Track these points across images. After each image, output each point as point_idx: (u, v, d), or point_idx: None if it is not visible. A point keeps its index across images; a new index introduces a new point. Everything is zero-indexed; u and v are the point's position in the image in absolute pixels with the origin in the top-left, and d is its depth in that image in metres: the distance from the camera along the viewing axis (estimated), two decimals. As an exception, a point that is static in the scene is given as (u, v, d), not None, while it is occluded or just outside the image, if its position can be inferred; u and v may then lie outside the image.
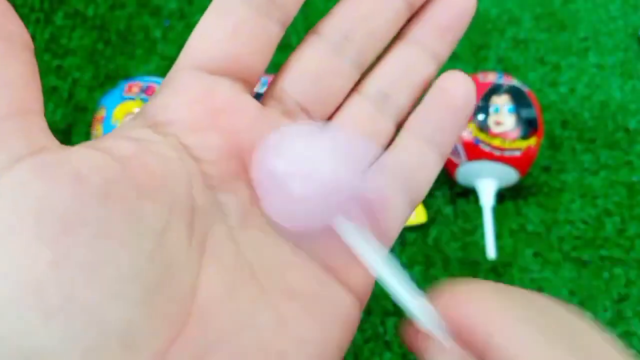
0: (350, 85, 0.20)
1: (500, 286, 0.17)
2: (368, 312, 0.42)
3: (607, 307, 0.43)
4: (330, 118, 0.20)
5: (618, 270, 0.45)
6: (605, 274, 0.45)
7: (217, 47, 0.18)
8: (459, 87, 0.20)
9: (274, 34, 0.19)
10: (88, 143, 0.16)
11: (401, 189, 0.20)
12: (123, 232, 0.14)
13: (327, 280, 0.18)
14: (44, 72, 0.50)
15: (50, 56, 0.51)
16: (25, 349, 0.13)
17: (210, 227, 0.16)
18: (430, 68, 0.21)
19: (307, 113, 0.19)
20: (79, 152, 0.15)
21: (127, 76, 0.50)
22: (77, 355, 0.13)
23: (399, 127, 0.21)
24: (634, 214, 0.47)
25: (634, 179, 0.48)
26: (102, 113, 0.42)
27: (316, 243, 0.18)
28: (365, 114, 0.20)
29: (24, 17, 0.52)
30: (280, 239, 0.18)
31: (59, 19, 0.53)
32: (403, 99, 0.20)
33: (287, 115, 0.19)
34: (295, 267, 0.17)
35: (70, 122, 0.48)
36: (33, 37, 0.52)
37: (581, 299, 0.44)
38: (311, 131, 0.17)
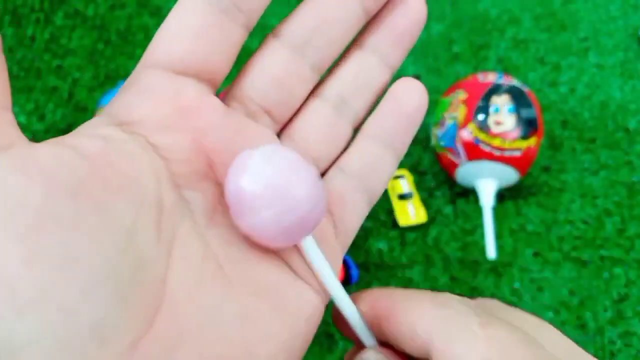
0: (310, 88, 0.21)
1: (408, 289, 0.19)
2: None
3: (607, 307, 0.43)
4: (290, 120, 0.21)
5: (618, 270, 0.45)
6: (605, 274, 0.45)
7: (183, 47, 0.18)
8: (411, 94, 0.21)
9: (238, 37, 0.19)
10: (54, 140, 0.16)
11: (359, 189, 0.21)
12: (94, 228, 0.14)
13: (293, 277, 0.18)
14: (44, 72, 0.50)
15: (50, 56, 0.51)
16: (1, 341, 0.13)
17: (178, 224, 0.17)
18: (385, 75, 0.22)
19: (270, 114, 0.20)
20: (48, 149, 0.15)
21: (127, 76, 0.50)
22: (51, 348, 0.13)
23: (355, 129, 0.22)
24: (634, 214, 0.47)
25: (634, 179, 0.48)
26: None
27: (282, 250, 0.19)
28: (326, 118, 0.21)
29: (24, 17, 0.52)
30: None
31: (59, 19, 0.53)
32: (360, 104, 0.21)
33: (250, 116, 0.19)
34: (262, 263, 0.18)
35: (70, 122, 0.48)
36: (33, 37, 0.52)
37: (581, 299, 0.44)
38: (274, 153, 0.17)
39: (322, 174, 0.21)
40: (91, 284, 0.14)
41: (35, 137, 0.48)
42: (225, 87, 0.21)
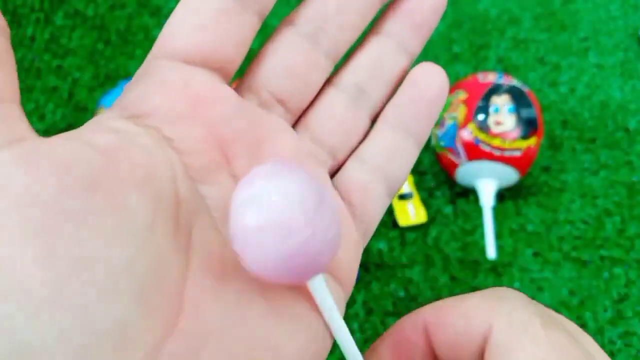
0: (325, 77, 0.20)
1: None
2: (368, 312, 0.42)
3: (607, 307, 0.43)
4: (306, 110, 0.20)
5: (618, 270, 0.45)
6: (605, 274, 0.45)
7: (193, 36, 0.17)
8: (431, 79, 0.20)
9: (251, 25, 0.18)
10: (66, 134, 0.15)
11: (379, 180, 0.20)
12: (111, 225, 0.13)
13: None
14: (44, 72, 0.50)
15: (50, 56, 0.51)
16: (15, 345, 0.12)
17: (195, 219, 0.16)
18: (404, 61, 0.21)
19: (284, 105, 0.19)
20: (60, 143, 0.14)
21: (127, 76, 0.50)
22: (69, 353, 0.12)
23: (373, 119, 0.21)
24: (634, 214, 0.47)
25: (634, 179, 0.48)
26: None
27: None
28: (342, 108, 0.20)
29: (23, 17, 0.52)
30: None
31: (59, 19, 0.53)
32: (377, 92, 0.21)
33: (263, 106, 0.19)
34: None
35: (70, 122, 0.48)
36: (33, 37, 0.52)
37: (581, 299, 0.44)
38: (280, 177, 0.15)
39: (341, 165, 0.20)
40: (109, 284, 0.13)
41: (35, 137, 0.48)
42: (237, 78, 0.20)
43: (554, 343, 0.16)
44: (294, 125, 0.20)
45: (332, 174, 0.20)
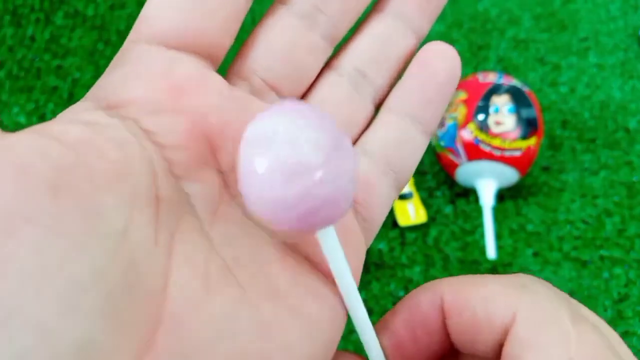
0: (323, 60, 0.18)
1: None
2: (368, 312, 0.42)
3: (607, 307, 0.43)
4: (303, 97, 0.18)
5: (618, 270, 0.45)
6: (605, 274, 0.45)
7: (177, 18, 0.16)
8: (442, 59, 0.18)
9: (240, 4, 0.16)
10: (33, 128, 0.13)
11: (385, 172, 0.18)
12: (78, 230, 0.12)
13: (310, 275, 0.16)
14: (44, 72, 0.50)
15: (50, 56, 0.51)
16: None
17: (178, 222, 0.14)
18: (410, 42, 0.19)
19: (277, 91, 0.18)
20: (23, 139, 0.13)
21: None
22: None
23: (377, 106, 0.19)
24: (634, 214, 0.47)
25: (634, 179, 0.48)
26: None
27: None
28: (342, 94, 0.18)
29: (23, 17, 0.52)
30: (256, 229, 0.16)
31: (59, 19, 0.53)
32: (382, 76, 0.19)
33: (255, 94, 0.17)
34: (275, 262, 0.16)
35: (70, 122, 0.48)
36: (33, 37, 0.52)
37: (581, 299, 0.44)
38: (294, 115, 0.14)
39: None
40: (73, 297, 0.11)
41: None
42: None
43: (585, 342, 0.14)
44: None
45: None
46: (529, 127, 0.43)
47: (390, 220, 0.46)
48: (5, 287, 0.11)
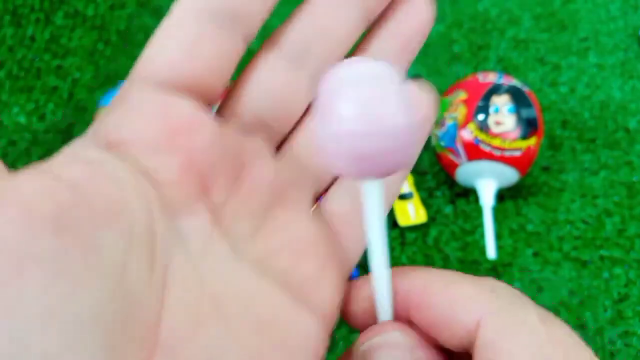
0: (309, 100, 0.19)
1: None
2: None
3: (607, 307, 0.43)
4: (290, 133, 0.20)
5: (618, 270, 0.45)
6: (605, 274, 0.45)
7: (173, 61, 0.17)
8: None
9: (235, 50, 0.18)
10: (37, 168, 0.14)
11: None
12: (81, 268, 0.13)
13: (294, 307, 0.17)
14: (44, 72, 0.50)
15: (50, 56, 0.51)
16: None
17: (171, 257, 0.15)
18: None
19: (267, 129, 0.19)
20: (27, 179, 0.13)
21: (128, 76, 0.50)
22: None
23: None
24: (634, 214, 0.47)
25: (634, 179, 0.48)
26: (102, 113, 0.42)
27: (281, 259, 0.17)
28: None
29: (23, 17, 0.52)
30: (243, 263, 0.17)
31: (59, 19, 0.53)
32: None
33: (246, 130, 0.18)
34: (262, 296, 0.17)
35: (70, 122, 0.48)
36: (33, 37, 0.52)
37: (581, 299, 0.44)
38: (378, 71, 0.15)
39: (327, 188, 0.20)
40: (76, 334, 0.12)
41: (36, 136, 0.48)
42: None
43: (556, 338, 0.15)
44: (278, 148, 0.19)
45: (318, 198, 0.20)
46: (529, 127, 0.43)
47: (390, 220, 0.46)
48: (16, 325, 0.12)
